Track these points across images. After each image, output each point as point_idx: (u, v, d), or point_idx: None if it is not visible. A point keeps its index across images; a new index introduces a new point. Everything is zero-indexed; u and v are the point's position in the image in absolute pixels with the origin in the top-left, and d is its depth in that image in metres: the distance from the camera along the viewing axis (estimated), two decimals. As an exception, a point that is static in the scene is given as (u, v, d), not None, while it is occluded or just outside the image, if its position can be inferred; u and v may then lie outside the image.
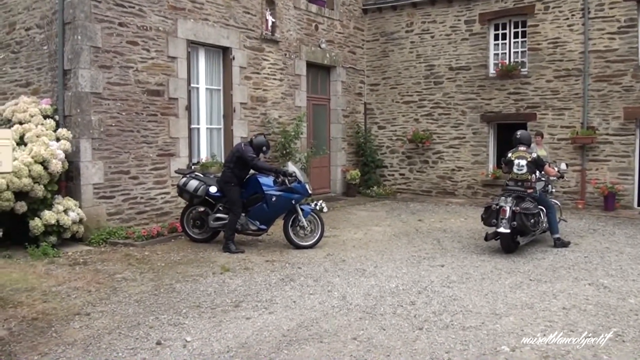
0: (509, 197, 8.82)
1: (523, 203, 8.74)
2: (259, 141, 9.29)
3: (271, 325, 5.46)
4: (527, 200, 8.85)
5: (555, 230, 9.37)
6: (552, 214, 9.41)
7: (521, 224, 8.55)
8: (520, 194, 8.96)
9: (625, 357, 4.73)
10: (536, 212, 8.85)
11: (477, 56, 15.29)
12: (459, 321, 5.59)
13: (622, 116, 13.40)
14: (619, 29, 13.40)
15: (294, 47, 14.03)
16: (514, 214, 8.56)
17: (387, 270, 7.71)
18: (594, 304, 6.21)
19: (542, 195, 9.52)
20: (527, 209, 8.65)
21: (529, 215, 8.63)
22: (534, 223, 8.76)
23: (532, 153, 9.30)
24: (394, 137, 16.72)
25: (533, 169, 9.15)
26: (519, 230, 8.67)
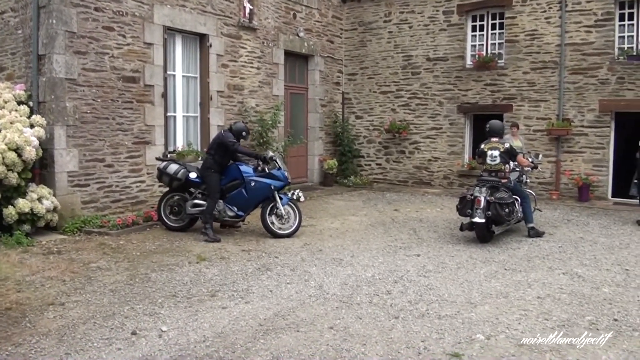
0: (484, 188, 8.91)
1: (497, 193, 8.86)
2: (239, 127, 9.35)
3: (247, 314, 5.45)
4: (502, 190, 8.97)
5: (529, 220, 9.51)
6: (527, 204, 9.56)
7: (496, 214, 8.66)
8: (495, 184, 9.08)
9: (599, 345, 4.80)
10: (510, 201, 8.99)
11: (455, 47, 15.35)
12: (434, 310, 5.64)
13: (597, 109, 13.58)
14: (595, 22, 13.55)
15: (271, 35, 13.94)
16: (488, 203, 8.68)
17: (363, 259, 7.74)
18: (568, 293, 6.30)
19: (517, 185, 9.65)
20: (502, 198, 8.77)
21: (503, 205, 8.75)
22: (508, 212, 8.88)
23: (504, 143, 9.42)
24: (371, 127, 16.75)
25: (506, 160, 9.27)
26: (494, 219, 8.79)
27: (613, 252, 8.32)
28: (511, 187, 9.31)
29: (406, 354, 4.57)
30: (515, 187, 9.49)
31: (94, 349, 4.64)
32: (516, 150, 9.67)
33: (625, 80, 13.26)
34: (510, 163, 9.39)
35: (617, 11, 13.51)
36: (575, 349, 4.72)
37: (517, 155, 9.56)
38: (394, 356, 4.53)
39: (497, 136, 9.53)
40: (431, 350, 4.63)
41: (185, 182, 9.27)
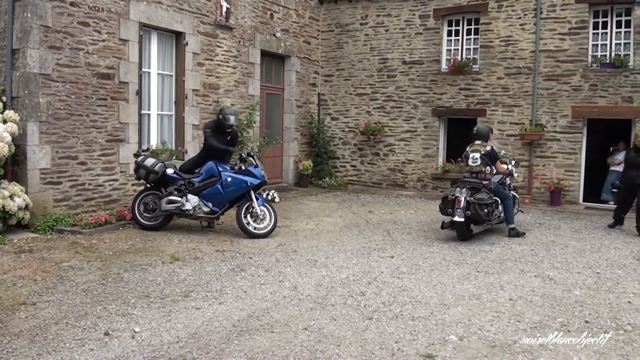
0: (464, 188, 9.25)
1: (477, 194, 9.19)
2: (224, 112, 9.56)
3: (221, 315, 5.42)
4: (482, 192, 9.29)
5: (510, 221, 9.85)
6: (509, 205, 9.89)
7: (475, 214, 9.04)
8: (475, 185, 9.40)
9: (570, 346, 4.88)
10: (490, 202, 9.28)
11: (431, 51, 15.47)
12: (408, 311, 5.67)
13: (570, 115, 13.81)
14: (569, 30, 13.79)
15: (248, 34, 13.89)
16: (468, 204, 9.04)
17: (338, 260, 7.76)
18: (540, 295, 6.40)
19: (499, 187, 9.90)
20: (481, 199, 9.11)
21: (482, 205, 9.09)
22: (487, 213, 9.20)
23: (486, 147, 9.73)
24: (347, 129, 16.80)
25: (487, 162, 9.58)
26: (473, 219, 9.17)
27: (584, 256, 8.46)
28: (492, 188, 9.59)
29: (380, 355, 4.59)
30: (496, 189, 9.74)
31: (67, 349, 4.57)
32: (498, 155, 9.99)
33: (598, 88, 13.51)
34: (491, 165, 9.65)
35: (591, 20, 13.77)
36: (547, 349, 4.79)
37: (497, 159, 9.87)
38: (367, 357, 4.54)
39: (481, 139, 9.87)
40: (405, 351, 4.66)
41: (161, 177, 9.20)
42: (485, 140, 9.92)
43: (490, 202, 9.31)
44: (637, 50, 13.16)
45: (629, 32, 13.40)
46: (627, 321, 5.59)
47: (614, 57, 13.48)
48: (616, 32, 13.64)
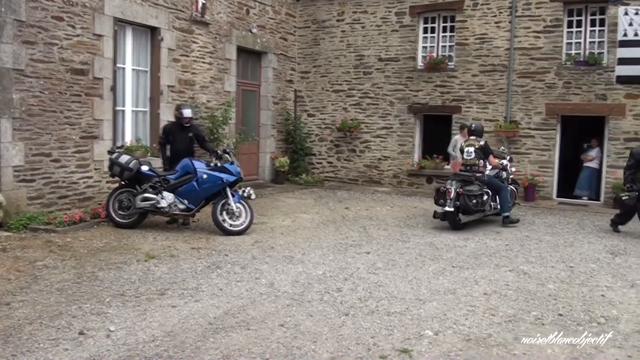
0: (454, 181, 9.97)
1: (468, 186, 9.89)
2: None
3: (197, 313, 5.40)
4: (474, 184, 9.99)
5: (504, 210, 10.47)
6: (503, 196, 10.53)
7: (464, 204, 9.73)
8: (467, 178, 10.13)
9: (543, 339, 4.96)
10: (479, 194, 9.95)
11: (406, 48, 15.55)
12: (384, 307, 5.71)
13: (544, 111, 14.01)
14: (544, 28, 13.97)
15: (224, 30, 13.81)
16: (458, 195, 9.73)
17: (314, 257, 7.77)
18: (515, 289, 6.48)
19: (492, 179, 10.57)
20: (470, 191, 9.81)
21: (471, 196, 9.78)
22: (475, 203, 9.86)
23: (480, 142, 10.50)
24: (323, 126, 16.81)
25: (480, 155, 10.36)
26: (463, 209, 9.82)
27: (558, 250, 8.60)
28: (485, 180, 10.31)
29: (356, 350, 4.62)
30: (490, 181, 10.43)
31: (41, 349, 4.51)
32: (491, 149, 10.76)
33: (571, 85, 13.72)
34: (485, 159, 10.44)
35: (566, 18, 13.98)
36: (521, 343, 4.86)
37: (490, 154, 10.60)
38: (344, 353, 4.56)
39: (476, 135, 10.67)
40: (380, 346, 4.69)
41: (136, 174, 9.13)
42: (479, 136, 10.68)
43: (480, 194, 9.94)
44: (610, 48, 13.39)
45: (603, 30, 13.64)
46: (600, 314, 5.70)
47: (587, 55, 13.71)
48: (590, 30, 13.87)
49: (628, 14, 13.07)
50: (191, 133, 9.85)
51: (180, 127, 9.78)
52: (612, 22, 13.34)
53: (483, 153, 10.39)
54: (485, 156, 10.45)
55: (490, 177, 10.55)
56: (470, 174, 10.23)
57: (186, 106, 10.00)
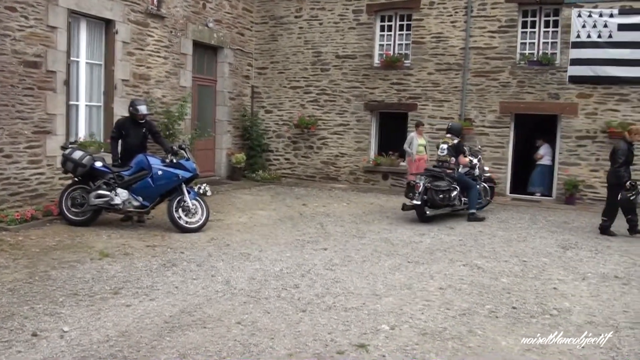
0: (424, 176, 10.52)
1: (436, 181, 10.44)
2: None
3: (152, 312, 5.31)
4: (443, 180, 10.53)
5: (471, 207, 10.92)
6: (472, 193, 10.97)
7: (431, 198, 10.26)
8: (436, 173, 10.69)
9: (498, 332, 5.07)
10: (446, 189, 10.43)
11: (363, 46, 15.63)
12: (341, 303, 5.73)
13: (498, 110, 14.30)
14: (499, 28, 14.25)
15: (180, 24, 13.62)
16: (426, 189, 10.24)
17: (271, 254, 7.75)
18: (469, 283, 6.60)
19: (462, 177, 11.02)
20: (438, 186, 10.31)
21: (438, 191, 10.27)
22: (442, 198, 10.35)
23: (454, 140, 11.05)
24: (281, 122, 16.77)
25: (452, 153, 10.92)
26: (431, 203, 10.34)
27: (511, 245, 8.79)
28: (456, 177, 10.82)
29: (313, 346, 4.62)
30: (460, 178, 10.91)
31: (-10, 351, 4.38)
32: (463, 148, 11.23)
33: (525, 84, 14.04)
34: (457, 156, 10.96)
35: (520, 19, 14.29)
36: (476, 335, 4.96)
37: (462, 152, 11.08)
38: (301, 349, 4.56)
39: (452, 134, 11.16)
40: (338, 342, 4.71)
41: (90, 171, 8.93)
42: (456, 135, 11.19)
43: (447, 189, 10.43)
44: (563, 49, 13.77)
45: (557, 31, 14.01)
46: (552, 306, 5.86)
47: (541, 55, 14.06)
48: (544, 31, 14.23)
49: (581, 16, 13.46)
50: (145, 129, 9.70)
51: (133, 122, 9.60)
52: (565, 23, 13.71)
53: (455, 151, 10.93)
54: (457, 154, 10.95)
55: (461, 174, 11.01)
56: (440, 170, 10.82)
57: (141, 102, 9.82)
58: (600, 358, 4.58)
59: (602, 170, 13.50)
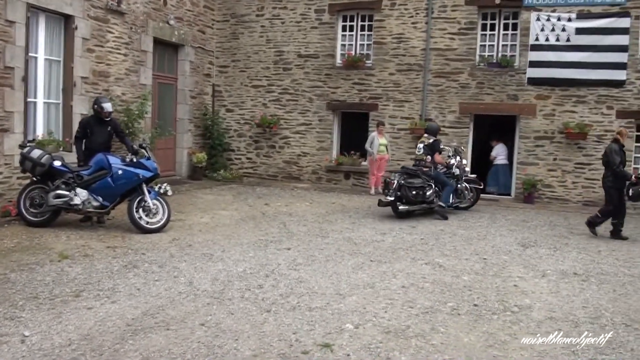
0: (399, 173, 11.02)
1: (411, 179, 10.92)
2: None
3: (114, 314, 5.23)
4: (418, 177, 11.00)
5: (442, 200, 11.35)
6: (446, 190, 11.45)
7: (404, 194, 10.74)
8: (412, 172, 11.16)
9: (460, 329, 5.16)
10: (419, 186, 10.91)
11: (326, 45, 15.68)
12: (305, 302, 5.75)
13: (457, 110, 14.54)
14: (459, 30, 14.48)
15: (140, 21, 13.42)
16: (400, 186, 10.69)
17: (234, 254, 7.71)
18: (431, 281, 6.69)
19: (439, 175, 11.48)
20: (411, 183, 10.84)
21: (411, 187, 10.78)
22: (415, 195, 10.82)
23: (430, 139, 11.47)
24: (242, 121, 16.69)
25: (428, 152, 11.36)
26: (405, 199, 10.80)
27: (471, 243, 8.95)
28: (432, 175, 11.27)
29: (278, 346, 4.63)
30: (437, 176, 11.36)
31: (-54, 357, 4.25)
32: (439, 147, 11.62)
33: (484, 86, 14.30)
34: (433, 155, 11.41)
35: (480, 21, 14.55)
36: (439, 333, 5.04)
37: (436, 152, 11.49)
38: (266, 349, 4.56)
39: (429, 134, 11.61)
40: (302, 342, 4.73)
41: (48, 170, 8.74)
42: (433, 135, 11.59)
43: (420, 186, 10.90)
44: (522, 51, 14.09)
45: (516, 34, 14.33)
46: (513, 303, 5.99)
47: (500, 57, 14.37)
48: (503, 34, 14.53)
49: (540, 20, 13.80)
50: (110, 127, 9.54)
51: (98, 121, 9.41)
52: (524, 26, 14.03)
53: (430, 150, 11.36)
54: (432, 153, 11.37)
55: (438, 172, 11.50)
56: (416, 168, 11.31)
57: (105, 100, 9.67)
58: (560, 352, 4.71)
59: (559, 169, 13.92)
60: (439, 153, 11.58)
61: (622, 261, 8.13)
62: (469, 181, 12.42)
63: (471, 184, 12.45)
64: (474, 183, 12.54)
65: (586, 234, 10.06)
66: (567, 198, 13.89)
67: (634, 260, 8.24)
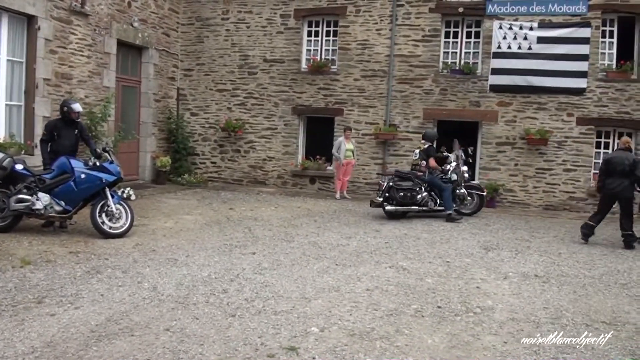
0: (390, 176, 11.79)
1: (401, 181, 11.58)
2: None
3: (78, 321, 5.17)
4: (410, 180, 11.63)
5: (447, 208, 11.64)
6: (445, 195, 11.68)
7: (392, 196, 11.40)
8: (404, 175, 11.86)
9: (424, 330, 5.26)
10: (407, 188, 11.49)
11: (291, 50, 15.73)
12: (270, 306, 5.76)
13: (421, 116, 14.74)
14: (423, 37, 14.69)
15: (104, 22, 13.27)
16: (390, 188, 11.37)
17: (199, 259, 7.68)
18: (395, 284, 6.78)
19: (434, 180, 11.86)
20: (400, 185, 11.47)
21: (399, 189, 11.41)
22: (403, 196, 11.42)
23: (426, 145, 12.09)
24: (207, 125, 16.61)
25: (423, 157, 11.97)
26: (392, 200, 11.42)
27: (435, 246, 9.09)
28: (427, 179, 11.79)
29: (244, 351, 4.64)
30: (431, 180, 11.82)
31: None
32: (434, 153, 12.15)
33: (447, 92, 14.54)
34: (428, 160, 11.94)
35: (443, 29, 14.80)
36: (403, 334, 5.12)
37: (431, 157, 11.97)
38: (231, 354, 4.57)
39: (426, 140, 12.20)
40: (268, 346, 4.75)
41: (10, 174, 8.55)
42: (430, 141, 12.16)
43: (408, 189, 11.48)
44: (485, 59, 14.36)
45: (478, 42, 14.61)
46: (476, 304, 6.12)
47: (463, 64, 14.63)
48: (466, 41, 14.79)
49: (502, 28, 14.10)
50: (77, 129, 9.39)
51: (66, 123, 9.23)
52: (486, 34, 14.31)
53: (425, 155, 11.94)
54: (427, 158, 11.92)
55: (433, 177, 11.90)
56: (408, 172, 12.01)
57: (73, 100, 9.58)
58: (523, 352, 4.84)
59: (520, 174, 14.22)
60: (434, 158, 12.02)
61: (582, 263, 8.37)
62: (470, 187, 12.55)
63: (472, 189, 12.57)
64: (476, 189, 12.65)
65: (547, 237, 10.31)
66: (528, 202, 14.20)
67: (594, 262, 8.48)
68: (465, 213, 12.30)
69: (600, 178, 9.94)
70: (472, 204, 12.54)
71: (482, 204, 12.66)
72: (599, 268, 8.11)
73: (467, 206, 12.46)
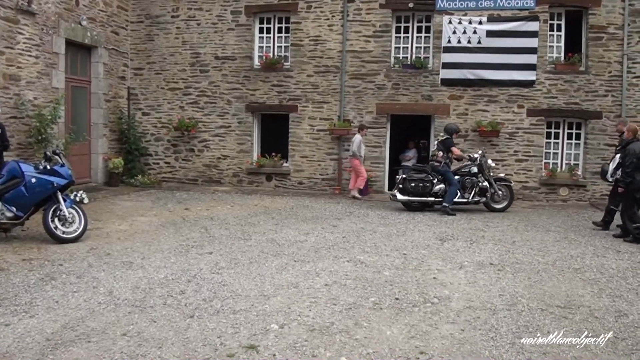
0: (407, 169, 12.50)
1: (415, 174, 12.17)
2: None
3: (33, 329, 5.05)
4: (423, 172, 12.14)
5: (445, 201, 11.92)
6: (451, 189, 12.01)
7: (405, 187, 12.01)
8: (420, 168, 12.46)
9: (383, 322, 5.33)
10: (419, 179, 12.03)
11: (243, 47, 15.64)
12: (229, 306, 5.75)
13: (374, 111, 14.88)
14: (374, 32, 14.81)
15: (52, 21, 12.93)
16: (404, 180, 12.03)
17: (155, 261, 7.59)
18: (353, 278, 6.84)
19: (447, 173, 12.13)
20: (412, 176, 12.10)
21: (411, 180, 12.01)
22: (414, 187, 12.00)
23: (444, 137, 12.39)
24: (159, 125, 16.39)
25: (441, 148, 12.34)
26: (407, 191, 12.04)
27: (391, 239, 9.20)
28: (441, 171, 12.13)
29: (203, 351, 4.62)
30: (444, 173, 12.10)
31: None
32: (452, 143, 12.43)
33: (400, 87, 14.70)
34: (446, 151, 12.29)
35: (394, 24, 14.95)
36: (362, 327, 5.18)
37: (451, 147, 12.33)
38: (191, 355, 4.54)
39: (446, 132, 12.46)
40: (227, 345, 4.74)
41: None
42: (448, 133, 12.41)
43: (420, 179, 12.02)
44: (435, 53, 14.59)
45: (429, 37, 14.81)
46: (433, 295, 6.23)
47: (414, 59, 14.83)
48: (417, 36, 15.00)
49: (452, 23, 14.33)
50: None
51: None
52: (437, 29, 14.54)
53: (443, 146, 12.30)
54: (446, 148, 12.28)
55: (447, 170, 12.17)
56: (422, 165, 12.72)
57: None
58: (480, 339, 4.95)
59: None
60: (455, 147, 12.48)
61: (536, 250, 8.61)
62: (498, 180, 12.58)
63: (502, 182, 12.59)
64: (504, 181, 12.70)
65: (501, 226, 10.57)
66: (481, 193, 14.46)
67: (547, 249, 8.73)
68: (498, 209, 12.39)
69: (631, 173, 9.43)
70: (502, 198, 12.53)
71: (512, 196, 12.69)
72: (552, 254, 8.36)
73: (498, 201, 12.50)
